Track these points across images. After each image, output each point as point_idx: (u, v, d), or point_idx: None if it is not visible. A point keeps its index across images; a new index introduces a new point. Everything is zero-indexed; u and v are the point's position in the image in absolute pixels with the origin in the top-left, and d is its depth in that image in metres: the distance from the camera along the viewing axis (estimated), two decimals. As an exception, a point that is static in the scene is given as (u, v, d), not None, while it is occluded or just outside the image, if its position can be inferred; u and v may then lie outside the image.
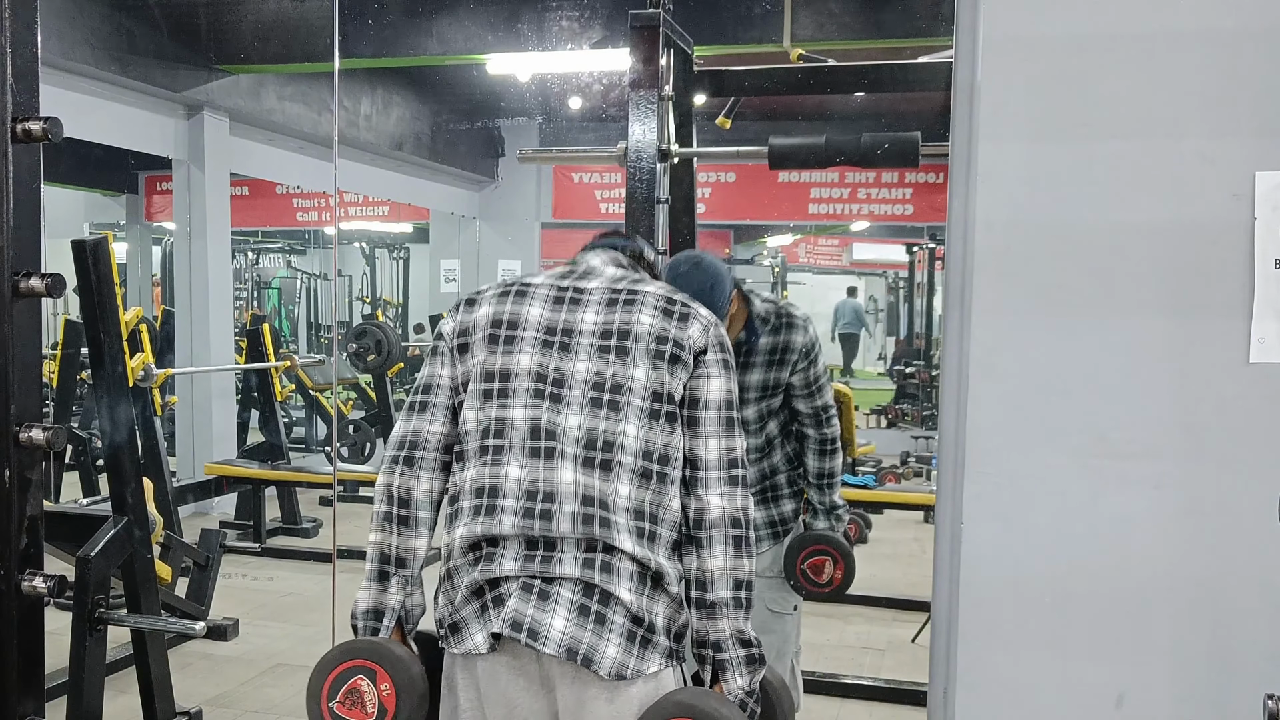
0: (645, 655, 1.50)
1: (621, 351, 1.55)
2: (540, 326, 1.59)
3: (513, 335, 1.59)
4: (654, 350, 1.55)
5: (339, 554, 5.95)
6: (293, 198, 11.07)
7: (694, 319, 1.59)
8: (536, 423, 1.54)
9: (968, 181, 1.52)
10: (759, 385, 2.57)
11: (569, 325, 1.59)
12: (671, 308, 1.60)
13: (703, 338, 1.58)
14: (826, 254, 14.74)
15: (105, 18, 5.77)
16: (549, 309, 1.61)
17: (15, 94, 1.48)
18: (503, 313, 1.62)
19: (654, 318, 1.58)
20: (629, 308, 1.59)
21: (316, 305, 13.96)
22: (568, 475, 1.52)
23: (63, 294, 1.53)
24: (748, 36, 5.48)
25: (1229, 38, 1.42)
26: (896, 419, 9.77)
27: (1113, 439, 1.48)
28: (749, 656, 1.54)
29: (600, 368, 1.55)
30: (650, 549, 1.51)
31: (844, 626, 4.83)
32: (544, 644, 1.47)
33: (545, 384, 1.55)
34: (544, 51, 5.76)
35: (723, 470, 1.54)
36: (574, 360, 1.56)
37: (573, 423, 1.53)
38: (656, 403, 1.53)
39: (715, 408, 1.56)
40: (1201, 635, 1.47)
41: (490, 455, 1.56)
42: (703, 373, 1.57)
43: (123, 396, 3.12)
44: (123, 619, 2.97)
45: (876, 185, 9.45)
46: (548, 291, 1.63)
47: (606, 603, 1.49)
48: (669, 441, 1.54)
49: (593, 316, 1.59)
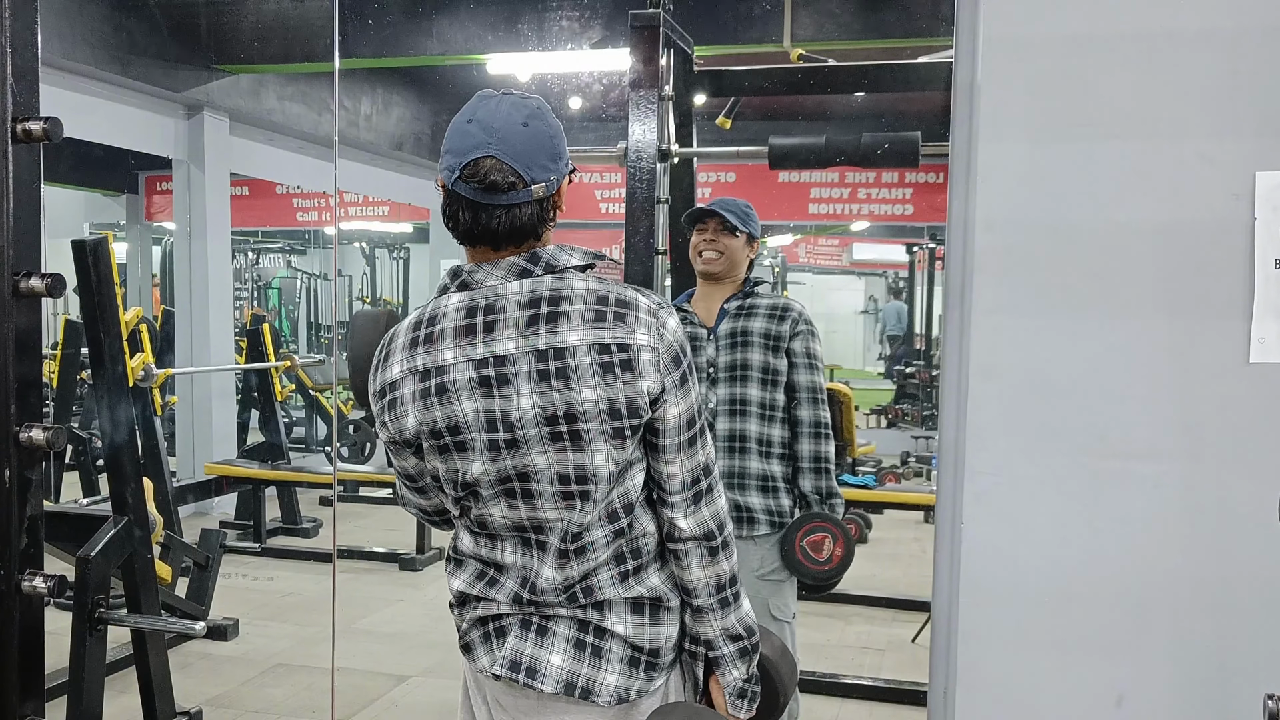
0: (651, 676, 1.50)
1: (563, 374, 1.40)
2: (466, 366, 1.44)
3: (442, 383, 1.45)
4: (598, 364, 1.40)
5: (339, 554, 5.96)
6: (293, 198, 11.07)
7: (639, 365, 1.41)
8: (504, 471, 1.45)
9: (968, 181, 1.52)
10: (762, 332, 2.62)
11: (497, 355, 1.42)
12: (602, 309, 1.42)
13: (656, 382, 1.42)
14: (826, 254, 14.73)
15: (105, 18, 5.77)
16: (463, 342, 1.44)
17: (15, 94, 1.48)
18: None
19: (584, 330, 1.41)
20: (553, 326, 1.41)
21: (316, 305, 13.96)
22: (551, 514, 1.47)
23: (63, 294, 1.53)
24: (748, 36, 5.49)
25: (1229, 38, 1.42)
26: (896, 419, 9.77)
27: (1113, 439, 1.48)
28: (741, 649, 1.53)
29: (545, 399, 1.41)
30: (638, 580, 1.50)
31: (844, 626, 4.83)
32: (542, 682, 1.48)
33: (497, 432, 1.43)
34: (544, 51, 5.76)
35: (687, 491, 1.49)
36: (515, 397, 1.42)
37: (539, 460, 1.44)
38: (616, 421, 1.42)
39: (676, 433, 1.47)
40: (1201, 635, 1.47)
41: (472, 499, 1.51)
42: (661, 405, 1.45)
43: (123, 396, 3.12)
44: (123, 619, 2.97)
45: (876, 185, 9.45)
46: (454, 321, 1.46)
47: (603, 637, 1.49)
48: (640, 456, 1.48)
49: (515, 343, 1.42)
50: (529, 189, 1.43)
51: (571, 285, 1.45)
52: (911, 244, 11.49)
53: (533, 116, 1.45)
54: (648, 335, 1.42)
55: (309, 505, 6.95)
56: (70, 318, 6.80)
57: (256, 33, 6.33)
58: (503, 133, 1.43)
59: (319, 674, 4.06)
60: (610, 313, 1.42)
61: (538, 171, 1.44)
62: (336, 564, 5.86)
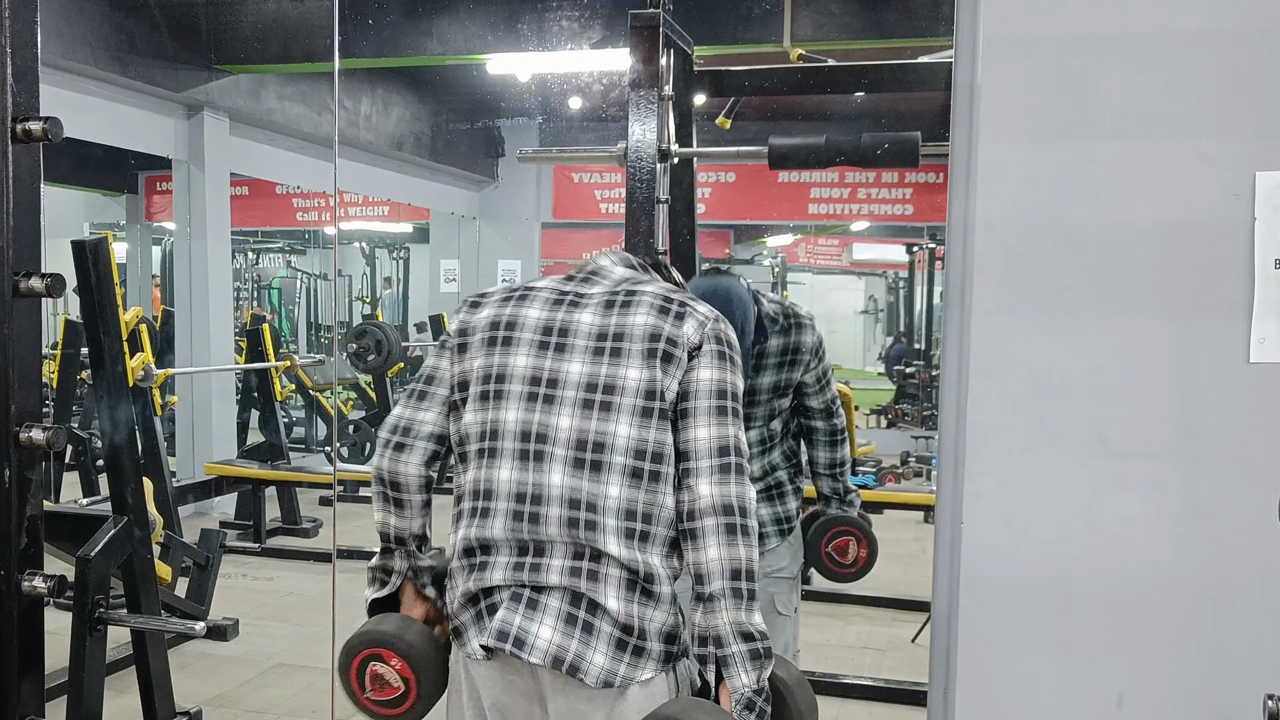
0: (637, 663, 1.49)
1: (616, 353, 1.55)
2: (537, 328, 1.60)
3: (510, 337, 1.60)
4: (647, 349, 1.54)
5: (339, 554, 5.96)
6: (293, 198, 11.07)
7: (690, 316, 1.58)
8: (528, 425, 1.54)
9: (968, 181, 1.52)
10: (771, 387, 2.59)
11: (565, 326, 1.59)
12: (668, 305, 1.59)
13: (698, 333, 1.56)
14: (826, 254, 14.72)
15: (105, 18, 5.77)
16: (547, 310, 1.61)
17: (15, 94, 1.48)
18: (502, 315, 1.63)
19: (649, 316, 1.57)
20: (625, 309, 1.59)
21: (316, 305, 13.96)
22: (555, 478, 1.51)
23: (63, 294, 1.53)
24: (748, 36, 5.49)
25: (1229, 38, 1.42)
26: (896, 419, 9.77)
27: (1113, 439, 1.48)
28: (753, 651, 1.45)
29: (594, 369, 1.55)
30: (641, 550, 1.50)
31: (844, 626, 4.83)
32: (530, 653, 1.47)
33: (539, 386, 1.56)
34: (544, 51, 5.76)
35: (713, 458, 1.49)
36: (568, 361, 1.56)
37: (564, 424, 1.53)
38: (649, 400, 1.52)
39: (706, 396, 1.53)
40: (1201, 635, 1.47)
41: (485, 458, 1.57)
42: (695, 365, 1.54)
43: (123, 396, 3.11)
44: (123, 619, 2.97)
45: (876, 185, 9.45)
46: (548, 294, 1.64)
47: (594, 612, 1.48)
48: (662, 439, 1.52)
49: (589, 318, 1.59)
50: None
51: (646, 286, 1.64)
52: (911, 244, 11.48)
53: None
54: (695, 329, 1.57)
55: (309, 505, 6.95)
56: (70, 318, 6.80)
57: (256, 33, 6.33)
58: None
59: (319, 674, 4.06)
60: (673, 310, 1.58)
61: None
62: (336, 564, 5.86)
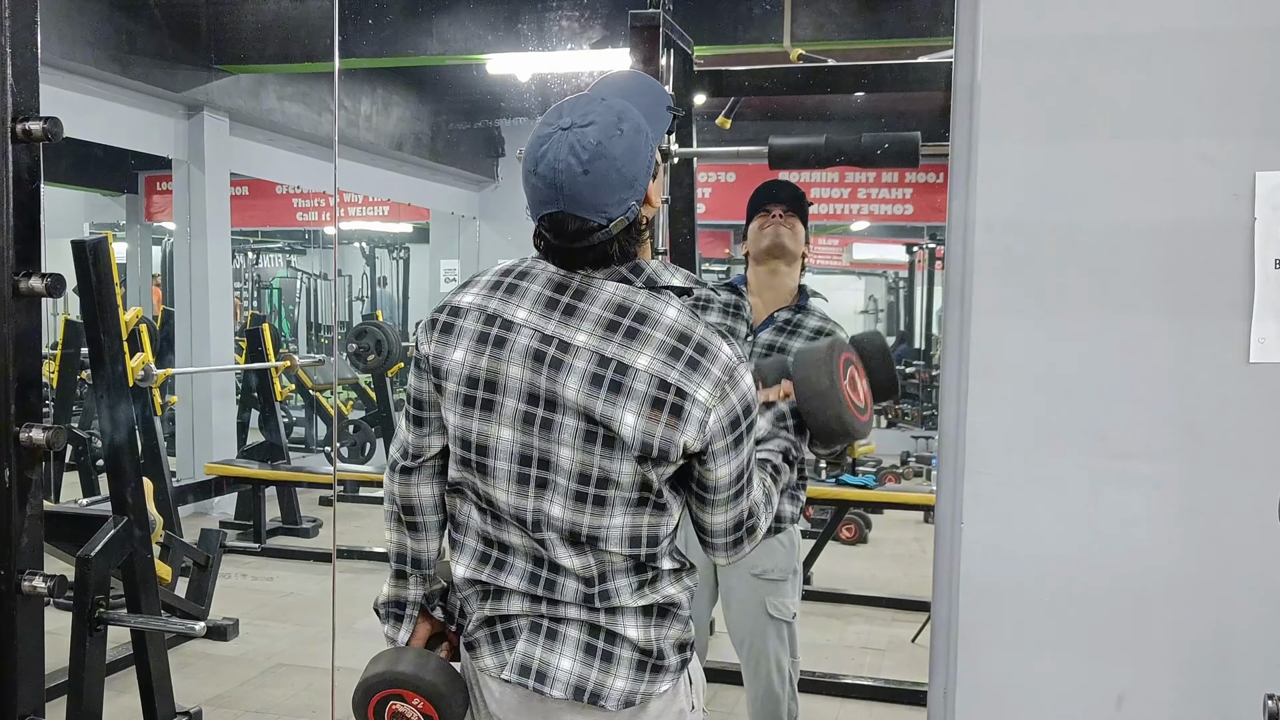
0: (656, 679, 1.51)
1: (616, 388, 1.40)
2: (520, 393, 1.44)
3: (490, 401, 1.46)
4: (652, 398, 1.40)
5: (339, 554, 5.96)
6: (293, 198, 11.06)
7: (687, 417, 1.40)
8: (527, 449, 1.46)
9: (968, 181, 1.52)
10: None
11: (563, 338, 1.43)
12: (681, 348, 1.41)
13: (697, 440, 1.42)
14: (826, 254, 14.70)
15: (105, 18, 5.77)
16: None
17: (15, 94, 1.48)
18: (479, 368, 1.46)
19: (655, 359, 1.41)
20: (630, 341, 1.41)
21: (316, 305, 13.95)
22: (563, 560, 1.48)
23: (63, 294, 1.53)
24: (748, 36, 5.48)
25: (1229, 38, 1.42)
26: (896, 419, 9.76)
27: (1113, 439, 1.48)
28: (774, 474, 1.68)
29: (589, 401, 1.40)
30: (654, 589, 1.50)
31: (844, 626, 4.83)
32: (551, 686, 1.48)
33: (536, 406, 1.44)
34: (544, 51, 5.76)
35: (729, 536, 1.56)
36: (565, 382, 1.42)
37: (565, 454, 1.44)
38: (646, 450, 1.42)
39: (725, 489, 1.49)
40: (1201, 635, 1.47)
41: (490, 517, 1.53)
42: (709, 463, 1.45)
43: (123, 396, 3.12)
44: (123, 619, 2.97)
45: (876, 185, 9.45)
46: (528, 341, 1.45)
47: (613, 641, 1.49)
48: (664, 473, 1.45)
49: (586, 337, 1.42)
50: (606, 229, 1.42)
51: (663, 310, 1.44)
52: (911, 244, 11.47)
53: (594, 156, 1.38)
54: (710, 393, 1.41)
55: (309, 505, 6.95)
56: (70, 318, 6.80)
57: (256, 33, 6.32)
58: (566, 187, 1.39)
59: (319, 674, 4.05)
60: (686, 355, 1.41)
61: (612, 209, 1.41)
62: (336, 564, 5.86)
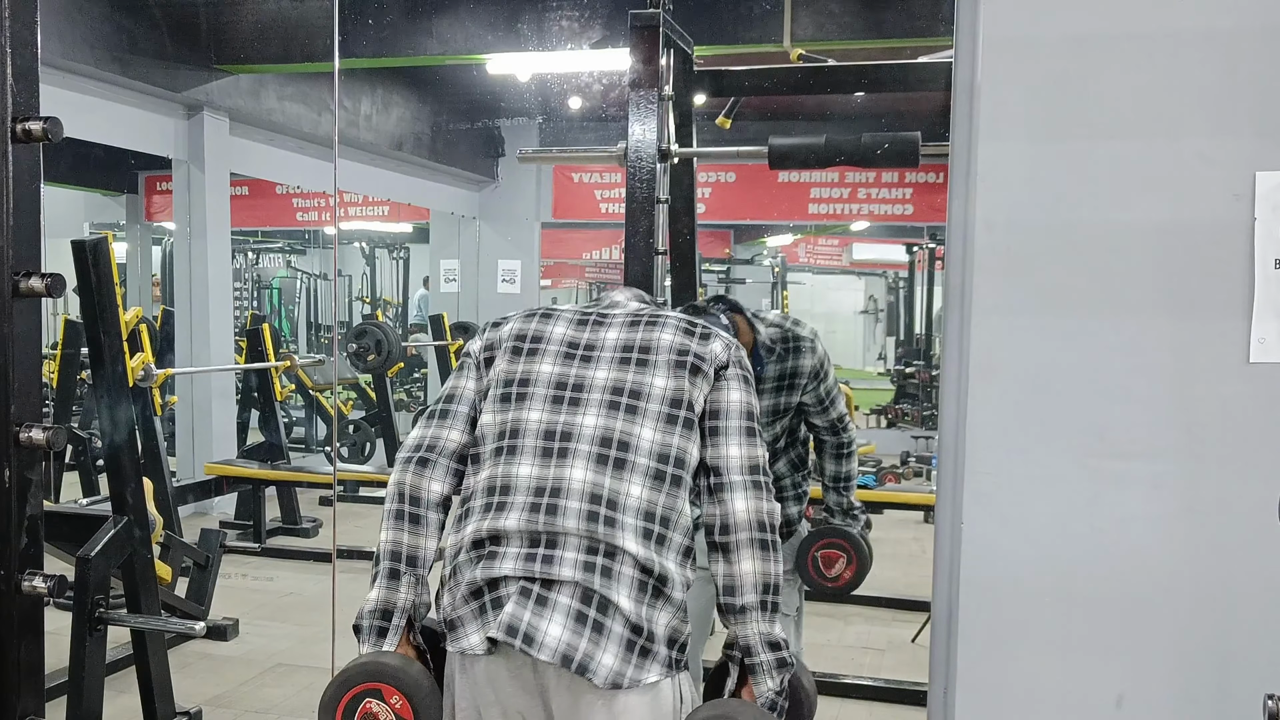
0: (644, 665, 1.50)
1: (642, 362, 1.62)
2: (563, 341, 1.67)
3: (535, 348, 1.67)
4: (675, 361, 1.61)
5: (339, 554, 5.96)
6: (293, 198, 11.06)
7: (715, 337, 1.67)
8: (552, 424, 1.58)
9: (968, 181, 1.52)
10: (770, 410, 2.59)
11: (591, 341, 1.67)
12: (693, 328, 1.67)
13: (725, 354, 1.64)
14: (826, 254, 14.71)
15: (105, 18, 5.77)
16: (572, 328, 1.69)
17: (15, 94, 1.48)
18: (527, 329, 1.69)
19: (675, 335, 1.65)
20: (651, 327, 1.67)
21: (316, 305, 13.96)
22: (578, 474, 1.54)
23: (63, 294, 1.53)
24: (748, 36, 5.48)
25: (1229, 38, 1.42)
26: (896, 419, 9.77)
27: (1113, 439, 1.48)
28: (779, 660, 1.57)
29: (620, 374, 1.62)
30: (657, 552, 1.52)
31: (844, 626, 4.83)
32: (539, 650, 1.47)
33: (564, 390, 1.61)
34: (544, 51, 5.76)
35: (746, 474, 1.58)
36: (594, 369, 1.62)
37: (589, 423, 1.57)
38: (675, 408, 1.58)
39: (736, 417, 1.61)
40: (1201, 635, 1.47)
41: (504, 455, 1.58)
42: (724, 385, 1.62)
43: (123, 396, 3.12)
44: (123, 619, 2.97)
45: (876, 185, 9.44)
46: (571, 314, 1.72)
47: (605, 610, 1.49)
48: (685, 447, 1.58)
49: (615, 334, 1.67)
50: None
51: (669, 313, 1.73)
52: (911, 244, 11.47)
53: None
54: (722, 349, 1.65)
55: (309, 505, 6.95)
56: (70, 318, 6.80)
57: (256, 33, 6.32)
58: None
59: (319, 674, 4.06)
60: (697, 334, 1.66)
61: None
62: (336, 564, 5.86)
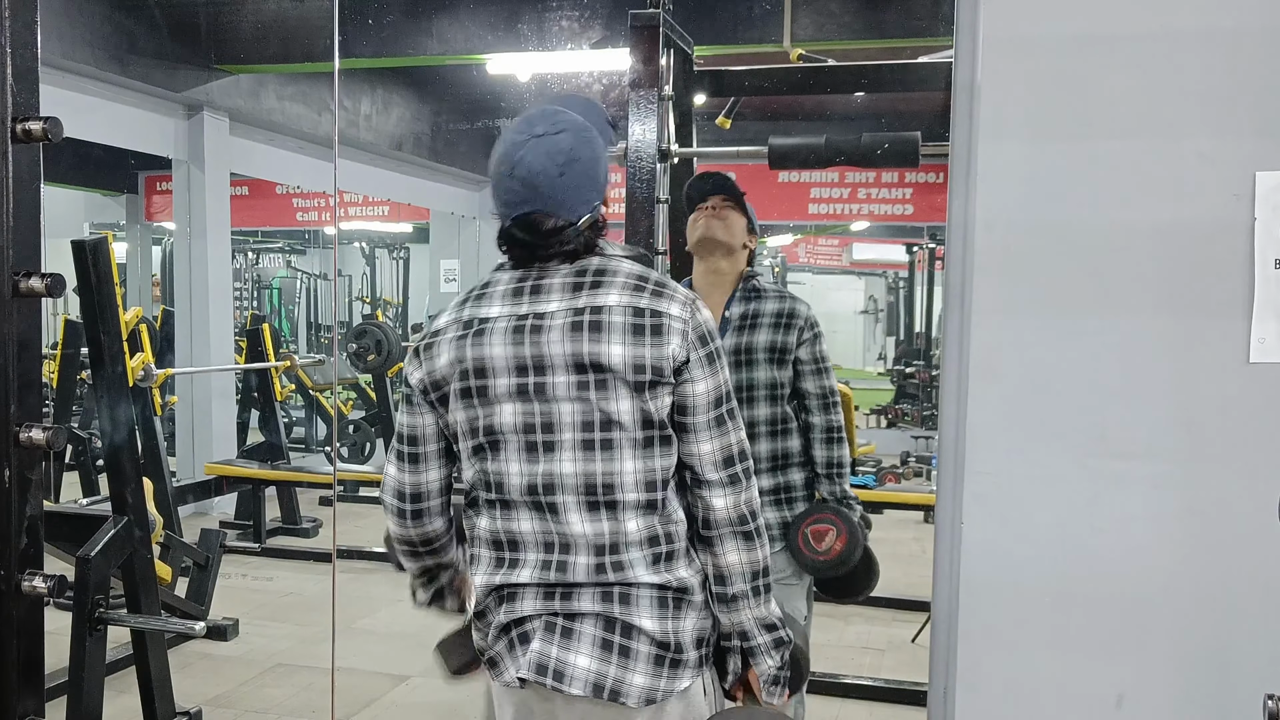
0: (676, 674, 1.51)
1: (601, 385, 1.49)
2: (509, 369, 1.52)
3: (484, 386, 1.53)
4: (634, 382, 1.48)
5: (339, 554, 5.96)
6: (293, 198, 11.07)
7: (667, 331, 1.49)
8: (533, 477, 1.52)
9: (968, 181, 1.52)
10: (768, 347, 2.50)
11: (537, 359, 1.51)
12: (641, 320, 1.49)
13: (682, 349, 1.50)
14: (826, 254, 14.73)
15: (105, 18, 5.77)
16: (512, 343, 1.52)
17: (15, 94, 1.48)
18: (465, 359, 1.54)
19: (625, 345, 1.48)
20: (596, 334, 1.49)
21: (316, 305, 13.96)
22: (576, 528, 1.51)
23: (63, 294, 1.53)
24: (748, 36, 5.49)
25: (1229, 38, 1.42)
26: (896, 419, 9.77)
27: (1113, 439, 1.48)
28: (776, 640, 1.59)
29: (585, 408, 1.49)
30: (669, 568, 1.52)
31: (844, 626, 4.83)
32: (570, 684, 1.49)
33: (535, 434, 1.51)
34: (544, 51, 5.76)
35: (721, 470, 1.53)
36: (555, 404, 1.50)
37: (568, 470, 1.50)
38: (648, 429, 1.50)
39: (705, 410, 1.52)
40: (1201, 635, 1.47)
41: (500, 509, 1.56)
42: (687, 378, 1.51)
43: (123, 396, 3.12)
44: (123, 619, 2.97)
45: (876, 185, 9.45)
46: (506, 325, 1.54)
47: (629, 634, 1.49)
48: (667, 465, 1.53)
49: (560, 348, 1.50)
50: (576, 226, 1.53)
51: (619, 264, 1.56)
52: (911, 244, 11.48)
53: (569, 161, 1.51)
54: (680, 310, 1.52)
55: (309, 505, 6.95)
56: (70, 318, 6.80)
57: (256, 33, 6.32)
58: (543, 188, 1.51)
59: (319, 674, 4.06)
60: (649, 288, 1.53)
61: (581, 209, 1.54)
62: (336, 564, 5.86)
